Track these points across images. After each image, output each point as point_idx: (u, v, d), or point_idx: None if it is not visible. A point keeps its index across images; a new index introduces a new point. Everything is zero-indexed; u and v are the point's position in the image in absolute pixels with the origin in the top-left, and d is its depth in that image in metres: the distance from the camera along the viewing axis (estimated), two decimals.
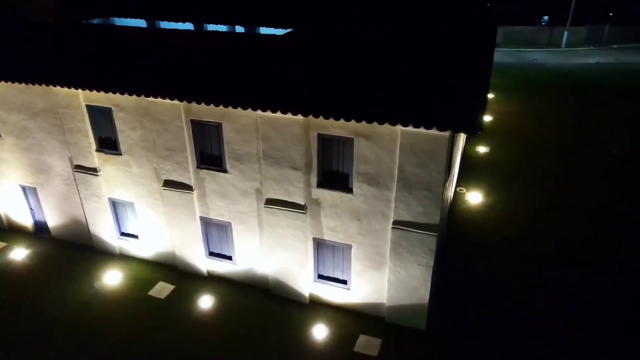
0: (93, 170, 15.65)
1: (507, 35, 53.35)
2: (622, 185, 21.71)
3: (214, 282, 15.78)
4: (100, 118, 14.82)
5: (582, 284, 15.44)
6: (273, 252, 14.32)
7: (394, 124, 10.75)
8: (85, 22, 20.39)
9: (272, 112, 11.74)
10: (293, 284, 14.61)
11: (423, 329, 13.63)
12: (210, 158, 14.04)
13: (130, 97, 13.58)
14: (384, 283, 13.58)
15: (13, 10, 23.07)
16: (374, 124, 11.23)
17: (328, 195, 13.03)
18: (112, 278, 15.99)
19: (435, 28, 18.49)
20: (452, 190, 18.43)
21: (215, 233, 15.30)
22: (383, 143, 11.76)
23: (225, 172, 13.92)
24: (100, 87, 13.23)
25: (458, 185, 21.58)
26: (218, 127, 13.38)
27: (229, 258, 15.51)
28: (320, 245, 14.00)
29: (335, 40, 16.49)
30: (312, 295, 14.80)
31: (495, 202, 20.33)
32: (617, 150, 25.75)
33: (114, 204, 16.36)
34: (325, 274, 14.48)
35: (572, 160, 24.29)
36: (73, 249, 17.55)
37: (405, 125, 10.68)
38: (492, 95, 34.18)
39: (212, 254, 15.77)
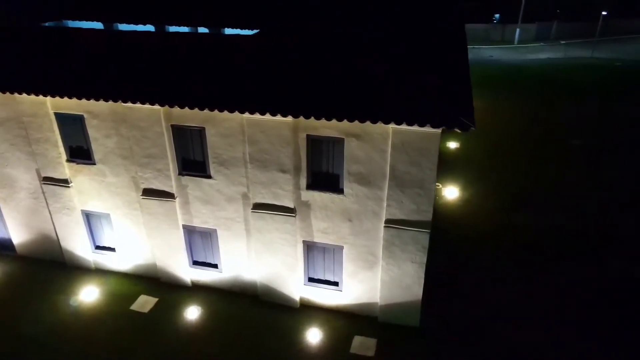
0: (64, 182, 14.78)
1: None
2: (586, 173, 22.70)
3: (200, 292, 15.26)
4: (71, 126, 14.01)
5: (564, 274, 15.97)
6: (262, 257, 13.99)
7: (388, 123, 10.71)
8: (40, 25, 19.28)
9: (261, 114, 11.44)
10: (283, 289, 14.33)
11: (417, 326, 13.69)
12: (193, 164, 13.56)
13: (105, 103, 12.92)
14: (377, 282, 13.53)
15: None
16: (366, 124, 11.15)
17: (318, 197, 12.85)
18: (89, 294, 15.16)
19: (410, 26, 18.64)
20: None
21: (199, 241, 14.80)
22: (374, 142, 11.71)
23: (210, 177, 13.47)
24: (74, 93, 12.49)
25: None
26: (201, 131, 12.93)
27: (215, 266, 15.04)
28: (310, 248, 13.80)
29: (307, 41, 16.30)
30: (302, 299, 14.57)
31: (471, 196, 20.76)
32: (577, 141, 26.92)
33: (88, 217, 15.52)
34: (316, 277, 14.29)
35: (537, 152, 25.19)
36: (42, 266, 16.52)
37: (399, 124, 10.66)
38: None
39: (196, 263, 15.24)
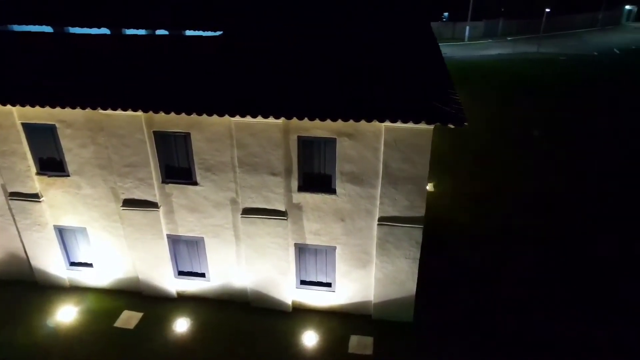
0: (34, 197, 13.87)
1: None
2: (547, 162, 23.79)
3: (186, 302, 14.75)
4: (41, 137, 13.17)
5: (545, 261, 16.63)
6: (252, 263, 13.70)
7: (383, 121, 10.75)
8: None
9: (253, 117, 11.19)
10: (275, 294, 14.09)
11: (410, 321, 13.83)
12: (178, 171, 13.08)
13: (79, 111, 12.22)
14: (371, 280, 13.56)
15: None
16: (359, 122, 11.11)
17: (310, 199, 12.72)
18: (66, 314, 14.31)
19: (383, 24, 18.81)
20: None
21: (185, 251, 14.31)
22: (367, 141, 11.72)
23: (196, 184, 13.03)
24: (46, 102, 11.74)
25: None
26: (186, 137, 12.49)
27: (202, 275, 14.59)
28: (302, 251, 13.65)
29: (283, 42, 16.13)
30: (295, 303, 14.39)
31: (443, 191, 21.23)
32: (537, 132, 28.15)
33: (61, 232, 14.64)
34: (308, 279, 14.15)
35: (500, 144, 26.13)
36: (10, 288, 15.42)
37: (394, 121, 10.72)
38: None
39: (181, 273, 14.72)
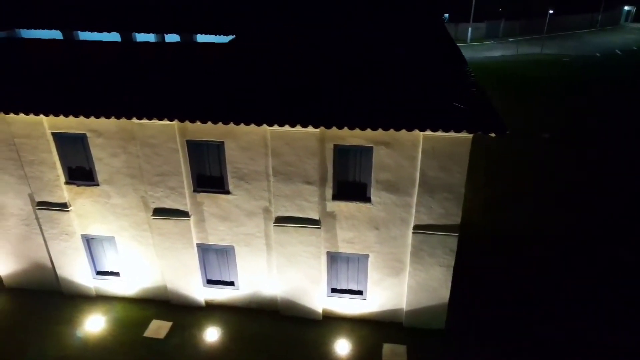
0: (62, 206, 13.74)
1: None
2: (560, 165, 23.86)
3: (215, 311, 14.66)
4: (71, 146, 13.05)
5: (579, 265, 16.66)
6: (283, 271, 13.63)
7: (424, 130, 10.70)
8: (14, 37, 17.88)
9: (292, 126, 11.13)
10: (305, 302, 14.04)
11: (442, 328, 13.82)
12: (210, 180, 12.99)
13: (111, 120, 12.12)
14: (403, 288, 13.53)
15: None
16: (397, 131, 11.07)
17: (344, 207, 12.68)
18: (95, 323, 14.19)
19: (399, 26, 18.82)
20: None
21: (215, 259, 14.22)
22: (404, 149, 11.68)
23: (228, 193, 12.96)
24: (82, 112, 11.62)
25: None
26: (219, 146, 12.41)
27: (231, 284, 14.51)
28: (334, 259, 13.60)
29: (296, 47, 16.11)
30: (325, 311, 14.33)
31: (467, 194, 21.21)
32: (547, 135, 28.25)
33: (89, 241, 14.53)
34: (339, 287, 14.11)
35: (510, 146, 26.18)
36: (35, 298, 15.29)
37: (435, 130, 10.68)
38: None
39: (210, 282, 14.64)
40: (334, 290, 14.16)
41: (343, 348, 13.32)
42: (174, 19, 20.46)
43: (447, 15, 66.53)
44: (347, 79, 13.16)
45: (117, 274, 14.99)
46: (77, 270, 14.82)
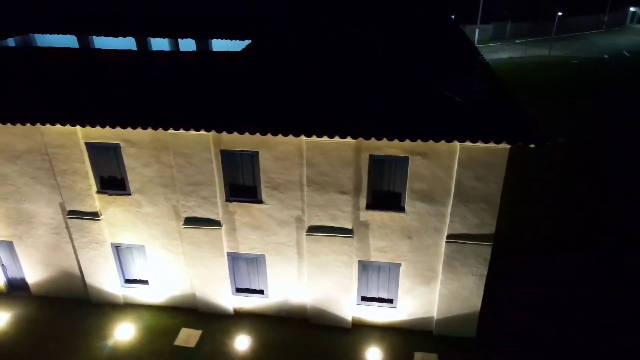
0: (93, 215, 13.76)
1: None
2: (575, 170, 23.88)
3: (243, 319, 14.68)
4: (104, 156, 13.08)
5: (609, 272, 16.66)
6: (314, 280, 13.65)
7: (463, 141, 10.73)
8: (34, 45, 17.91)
9: (329, 137, 11.14)
10: (335, 310, 14.06)
11: (473, 336, 13.83)
12: (243, 189, 13.01)
13: (145, 130, 12.14)
14: (434, 297, 13.55)
15: None
16: (436, 142, 11.09)
17: (377, 217, 12.70)
18: (124, 332, 14.22)
19: (417, 31, 18.85)
20: None
21: (244, 268, 14.24)
22: (440, 160, 11.70)
23: (261, 202, 12.98)
24: (118, 123, 11.64)
25: None
26: (253, 156, 12.44)
27: (260, 292, 14.53)
28: (365, 267, 13.62)
29: (327, 55, 16.13)
30: (354, 319, 14.35)
31: None
32: (562, 140, 28.26)
33: (118, 250, 14.55)
34: (369, 296, 14.12)
35: (527, 151, 26.16)
36: (63, 306, 15.31)
37: (475, 142, 10.70)
38: None
39: (239, 290, 14.66)
40: (364, 299, 14.18)
41: (374, 356, 13.34)
42: (190, 25, 20.57)
43: (452, 17, 66.53)
44: (384, 88, 13.17)
45: (145, 282, 15.01)
46: (105, 279, 14.84)
